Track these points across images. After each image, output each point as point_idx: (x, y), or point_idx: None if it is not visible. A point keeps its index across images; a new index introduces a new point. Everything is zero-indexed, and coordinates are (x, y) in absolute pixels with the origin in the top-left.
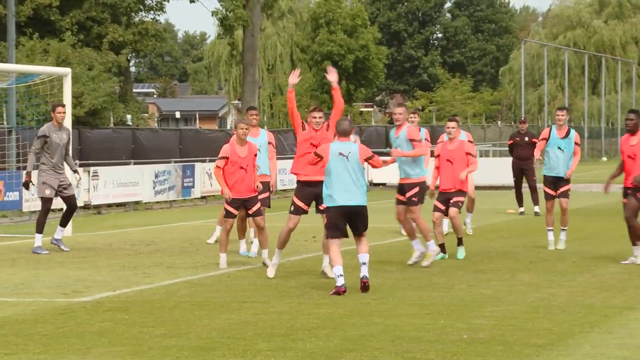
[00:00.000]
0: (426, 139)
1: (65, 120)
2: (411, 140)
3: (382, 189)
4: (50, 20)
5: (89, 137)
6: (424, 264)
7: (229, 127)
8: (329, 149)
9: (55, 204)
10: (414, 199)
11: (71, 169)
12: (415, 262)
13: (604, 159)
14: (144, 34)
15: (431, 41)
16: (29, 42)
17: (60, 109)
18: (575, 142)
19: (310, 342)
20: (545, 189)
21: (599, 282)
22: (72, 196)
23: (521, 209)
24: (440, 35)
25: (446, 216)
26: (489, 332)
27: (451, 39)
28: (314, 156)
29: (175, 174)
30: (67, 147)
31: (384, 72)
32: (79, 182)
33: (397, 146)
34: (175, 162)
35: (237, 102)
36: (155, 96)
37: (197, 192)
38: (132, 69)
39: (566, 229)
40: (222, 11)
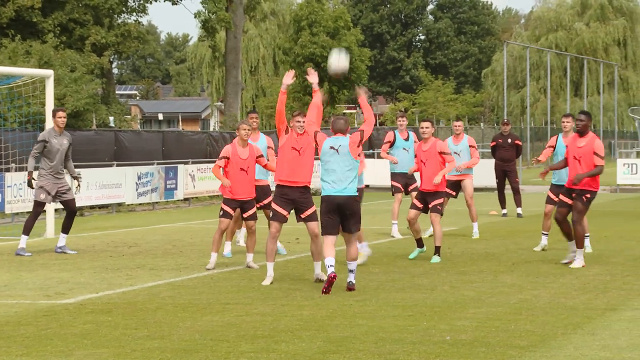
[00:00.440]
0: (416, 141)
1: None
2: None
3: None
4: (32, 22)
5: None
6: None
7: (211, 129)
8: (323, 140)
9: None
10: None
11: (71, 175)
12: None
13: None
14: (126, 36)
15: (414, 43)
16: (11, 43)
17: (60, 114)
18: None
19: (293, 344)
20: (550, 194)
21: (582, 283)
22: (72, 200)
23: (504, 211)
24: (422, 37)
25: (425, 212)
26: (472, 333)
27: (434, 41)
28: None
29: (158, 175)
30: (68, 152)
31: (367, 74)
32: (78, 189)
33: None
34: (158, 164)
35: (219, 104)
36: (138, 98)
37: (179, 194)
38: (115, 71)
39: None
40: (205, 13)
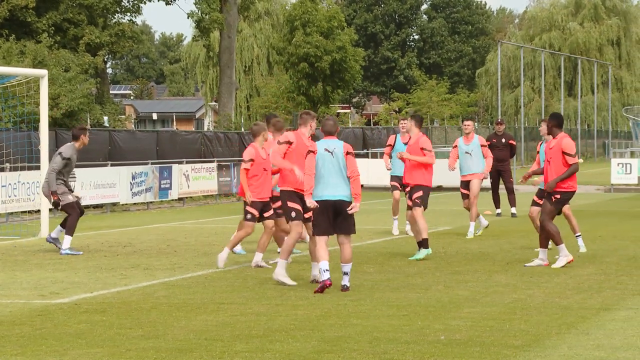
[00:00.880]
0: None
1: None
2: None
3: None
4: (26, 21)
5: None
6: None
7: (206, 129)
8: (316, 145)
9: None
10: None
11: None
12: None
13: (581, 160)
14: (120, 36)
15: (408, 43)
16: (5, 43)
17: (87, 134)
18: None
19: (287, 344)
20: (535, 198)
21: (576, 283)
22: (78, 202)
23: (498, 211)
24: (416, 37)
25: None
26: (466, 333)
27: (428, 40)
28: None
29: (152, 175)
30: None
31: (361, 74)
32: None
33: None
34: (152, 163)
35: (214, 103)
36: (132, 98)
37: (174, 194)
38: (109, 71)
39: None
40: (198, 13)
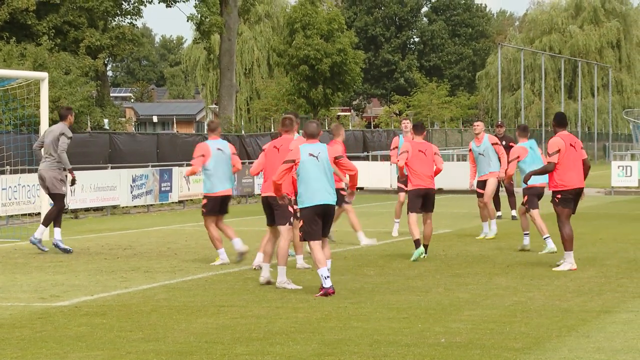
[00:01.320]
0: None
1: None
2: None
3: (358, 193)
4: (27, 24)
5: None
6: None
7: (206, 131)
8: (299, 150)
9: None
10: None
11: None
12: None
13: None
14: (121, 38)
15: (408, 45)
16: (6, 46)
17: (73, 114)
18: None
19: (288, 346)
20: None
21: (576, 285)
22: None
23: (498, 213)
24: (417, 39)
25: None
26: (467, 335)
27: (428, 43)
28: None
29: (152, 178)
30: None
31: (361, 77)
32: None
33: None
34: (152, 166)
35: (214, 106)
36: (132, 100)
37: (174, 197)
38: (109, 73)
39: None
40: (198, 17)
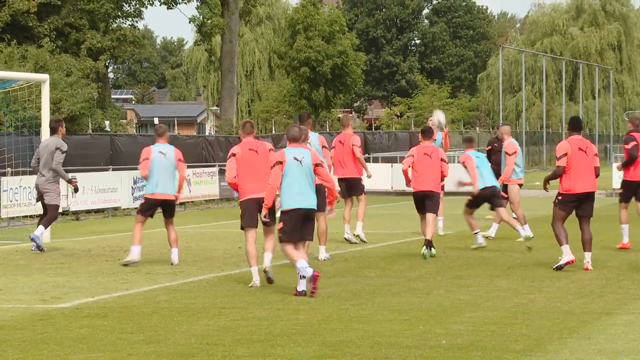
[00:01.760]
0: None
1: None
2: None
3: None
4: (28, 26)
5: (67, 143)
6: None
7: (207, 133)
8: (284, 154)
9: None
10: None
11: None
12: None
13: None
14: (122, 40)
15: (409, 47)
16: (7, 48)
17: (63, 125)
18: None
19: (289, 348)
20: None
21: (577, 287)
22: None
23: None
24: (418, 41)
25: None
26: (468, 337)
27: (429, 45)
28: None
29: None
30: None
31: (362, 78)
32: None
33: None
34: None
35: (215, 108)
36: (133, 102)
37: None
38: (111, 75)
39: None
40: (199, 18)
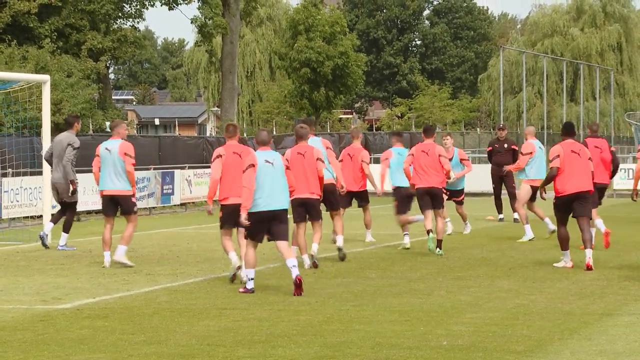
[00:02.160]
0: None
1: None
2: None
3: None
4: (28, 27)
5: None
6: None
7: (208, 134)
8: (255, 156)
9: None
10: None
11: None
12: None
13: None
14: (122, 41)
15: (410, 48)
16: (8, 49)
17: (80, 122)
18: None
19: (290, 349)
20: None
21: (578, 288)
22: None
23: (500, 216)
24: (419, 42)
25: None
26: (469, 338)
27: (430, 46)
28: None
29: (154, 180)
30: None
31: (363, 79)
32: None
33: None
34: (154, 169)
35: (216, 109)
36: (134, 103)
37: (176, 199)
38: (111, 76)
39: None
40: (201, 19)
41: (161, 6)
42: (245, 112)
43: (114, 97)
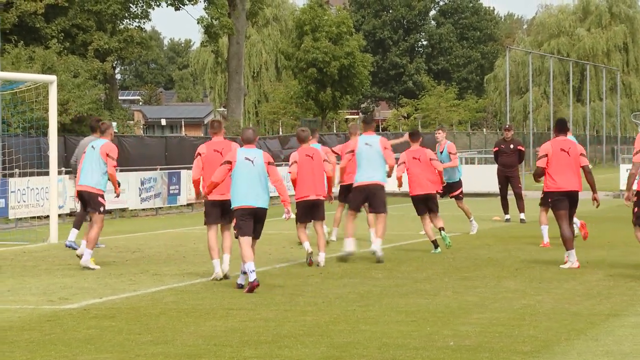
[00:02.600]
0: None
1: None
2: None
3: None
4: (35, 27)
5: (74, 145)
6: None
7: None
8: (235, 154)
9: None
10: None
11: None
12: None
13: (590, 166)
14: (129, 42)
15: (416, 49)
16: (14, 49)
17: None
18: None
19: (296, 349)
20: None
21: (585, 289)
22: None
23: (507, 216)
24: (425, 42)
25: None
26: (475, 339)
27: (436, 46)
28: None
29: (161, 181)
30: None
31: (369, 80)
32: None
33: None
34: (161, 169)
35: (222, 109)
36: (140, 103)
37: (182, 200)
38: (118, 77)
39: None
40: (208, 19)
41: (167, 7)
42: (251, 113)
43: (120, 98)
